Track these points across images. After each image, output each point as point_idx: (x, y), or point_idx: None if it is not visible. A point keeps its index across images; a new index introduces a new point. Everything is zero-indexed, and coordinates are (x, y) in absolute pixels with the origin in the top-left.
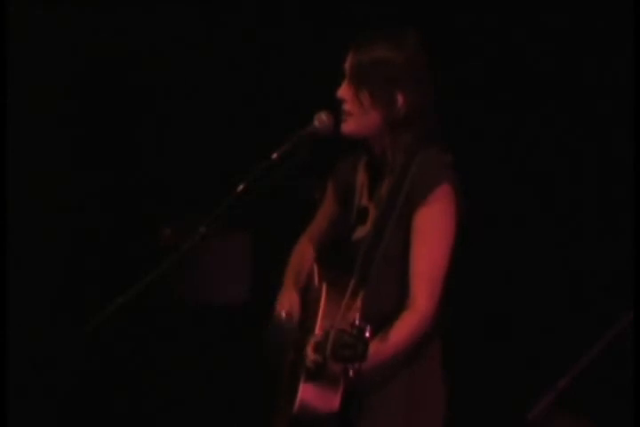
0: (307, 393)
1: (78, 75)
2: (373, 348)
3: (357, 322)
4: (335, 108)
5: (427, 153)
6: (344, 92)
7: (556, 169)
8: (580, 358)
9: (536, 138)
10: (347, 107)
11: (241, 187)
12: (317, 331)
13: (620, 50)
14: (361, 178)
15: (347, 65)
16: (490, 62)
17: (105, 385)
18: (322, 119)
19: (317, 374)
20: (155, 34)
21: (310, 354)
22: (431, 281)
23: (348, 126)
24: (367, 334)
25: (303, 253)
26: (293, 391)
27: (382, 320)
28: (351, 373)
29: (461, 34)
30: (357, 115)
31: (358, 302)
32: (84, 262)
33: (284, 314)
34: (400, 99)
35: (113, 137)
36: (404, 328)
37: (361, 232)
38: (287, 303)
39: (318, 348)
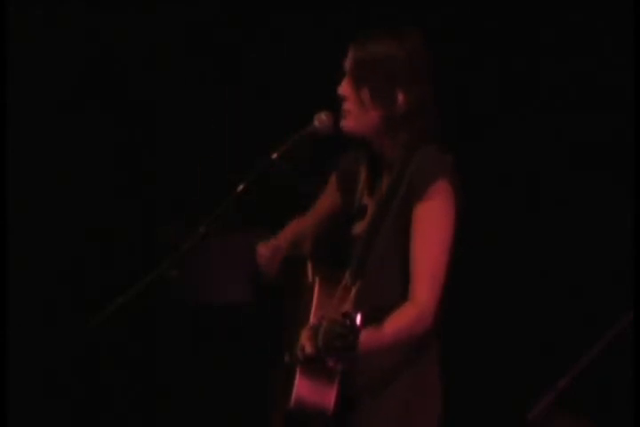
0: (303, 389)
1: (78, 75)
2: (368, 335)
3: (349, 311)
4: (335, 108)
5: (425, 151)
6: (344, 89)
7: (556, 168)
8: (580, 358)
9: (535, 137)
10: (346, 105)
11: (241, 187)
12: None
13: (619, 50)
14: (363, 174)
15: (346, 62)
16: (489, 61)
17: (105, 385)
18: (322, 119)
19: (312, 368)
20: (155, 34)
21: (304, 346)
22: (432, 277)
23: (348, 124)
24: (358, 322)
25: (301, 221)
26: (289, 388)
27: (379, 314)
28: (342, 365)
29: (460, 33)
30: (357, 112)
31: (352, 294)
32: (84, 262)
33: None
34: (400, 97)
35: (113, 137)
36: (402, 319)
37: (359, 228)
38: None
39: (311, 339)
